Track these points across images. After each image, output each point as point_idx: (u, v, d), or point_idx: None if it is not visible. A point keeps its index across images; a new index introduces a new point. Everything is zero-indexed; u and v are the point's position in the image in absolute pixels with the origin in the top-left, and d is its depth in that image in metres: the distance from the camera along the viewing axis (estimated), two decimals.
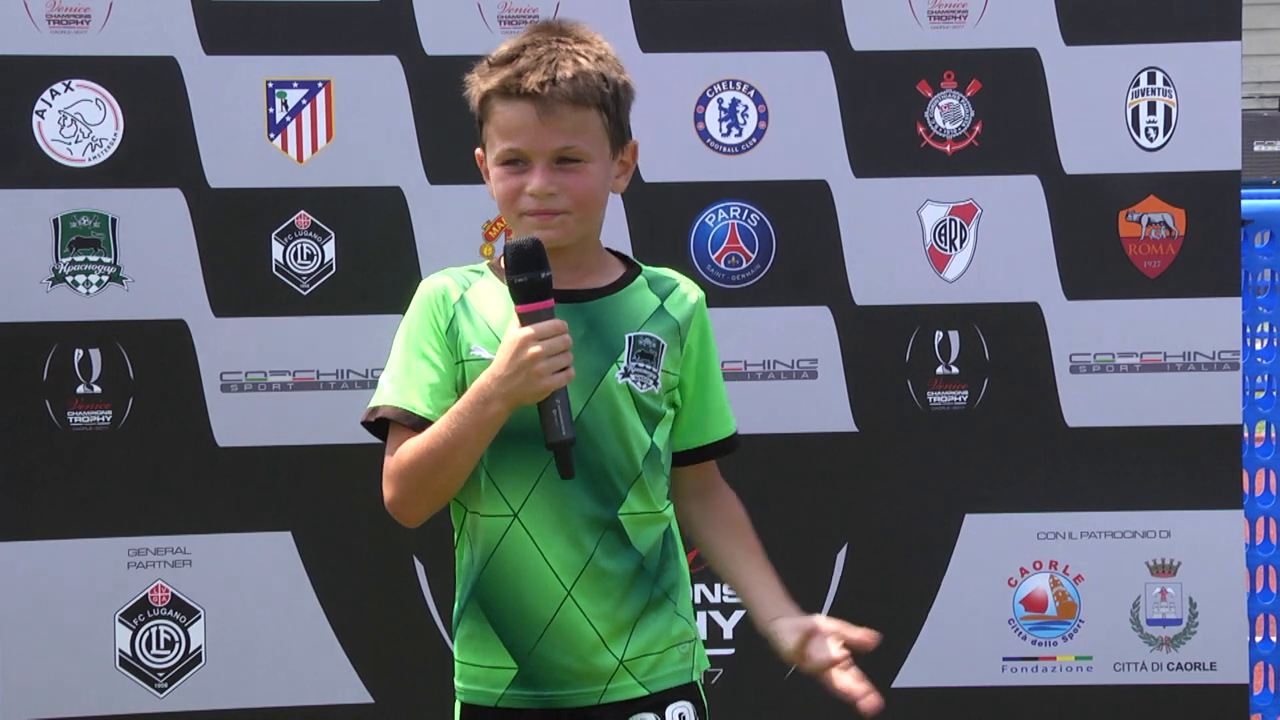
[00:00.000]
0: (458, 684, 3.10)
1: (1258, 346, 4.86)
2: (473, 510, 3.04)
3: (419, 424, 2.99)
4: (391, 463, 3.01)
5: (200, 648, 4.32)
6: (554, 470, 2.93)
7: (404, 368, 3.04)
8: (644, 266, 3.16)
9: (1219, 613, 4.42)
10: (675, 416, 3.12)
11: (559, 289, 2.93)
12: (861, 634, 3.02)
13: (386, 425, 3.05)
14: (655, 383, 3.05)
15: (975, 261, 4.38)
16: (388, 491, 3.03)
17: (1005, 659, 4.42)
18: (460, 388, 3.00)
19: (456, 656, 3.10)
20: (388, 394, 3.04)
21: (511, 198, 3.02)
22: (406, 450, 2.98)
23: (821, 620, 3.06)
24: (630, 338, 3.04)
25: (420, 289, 3.11)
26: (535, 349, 2.85)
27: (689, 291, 3.16)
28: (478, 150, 3.13)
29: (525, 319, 2.90)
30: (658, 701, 3.05)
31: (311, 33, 4.27)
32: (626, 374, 3.02)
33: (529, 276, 2.88)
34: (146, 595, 4.30)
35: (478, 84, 3.07)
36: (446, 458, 2.94)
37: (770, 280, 4.33)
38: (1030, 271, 4.37)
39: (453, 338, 3.03)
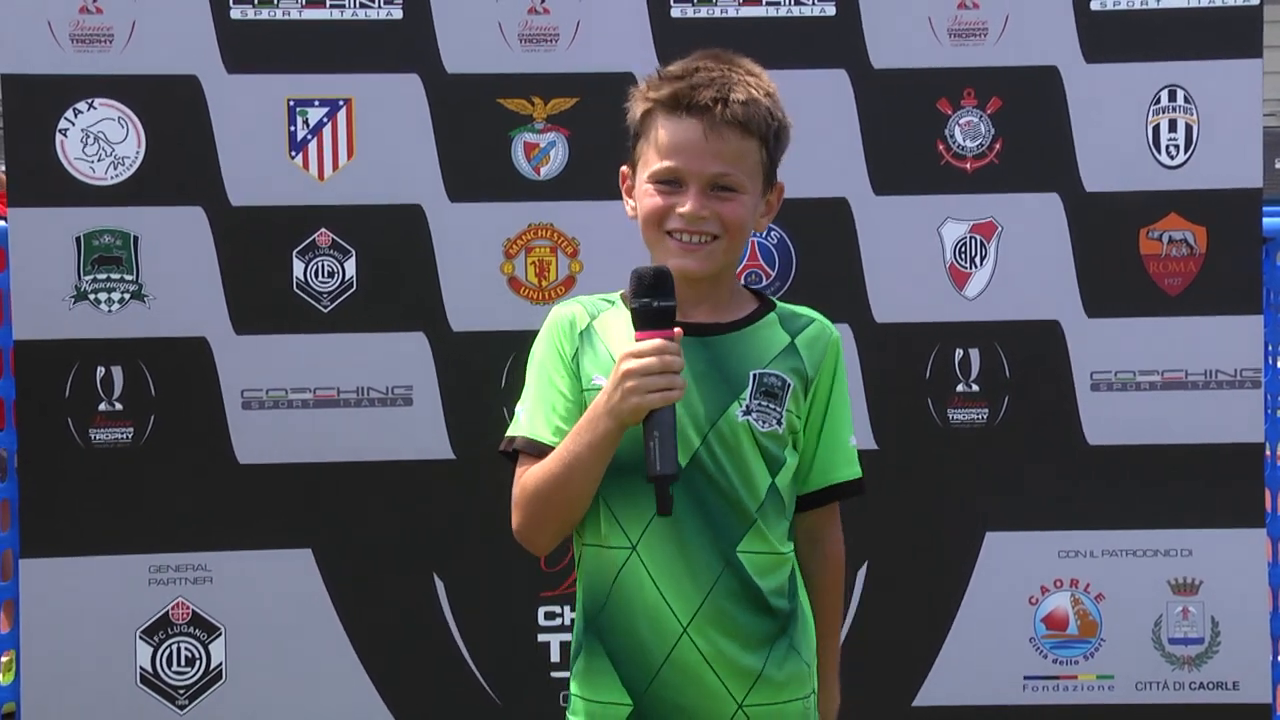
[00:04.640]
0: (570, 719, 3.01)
1: (1279, 365, 4.84)
2: (592, 543, 2.97)
3: (544, 452, 2.92)
4: (516, 490, 2.95)
5: (221, 665, 4.32)
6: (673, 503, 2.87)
7: (535, 397, 2.99)
8: (778, 303, 3.07)
9: (1241, 632, 4.41)
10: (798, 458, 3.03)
11: (686, 322, 2.86)
12: None
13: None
14: (779, 422, 2.95)
15: (995, 279, 4.37)
16: (515, 519, 2.95)
17: (1026, 678, 4.41)
18: None
19: (572, 691, 3.00)
20: (521, 424, 2.98)
21: (659, 216, 2.93)
22: (529, 476, 2.92)
23: None
24: (754, 375, 2.95)
25: (549, 317, 3.05)
26: (630, 365, 2.79)
27: (823, 330, 3.05)
28: (623, 168, 3.04)
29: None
30: None
31: (332, 51, 4.28)
32: (748, 411, 2.93)
33: (644, 303, 2.81)
34: (167, 612, 4.31)
35: (644, 95, 2.98)
36: (564, 480, 2.87)
37: (790, 297, 4.30)
38: (1050, 289, 4.37)
39: (577, 366, 2.98)
